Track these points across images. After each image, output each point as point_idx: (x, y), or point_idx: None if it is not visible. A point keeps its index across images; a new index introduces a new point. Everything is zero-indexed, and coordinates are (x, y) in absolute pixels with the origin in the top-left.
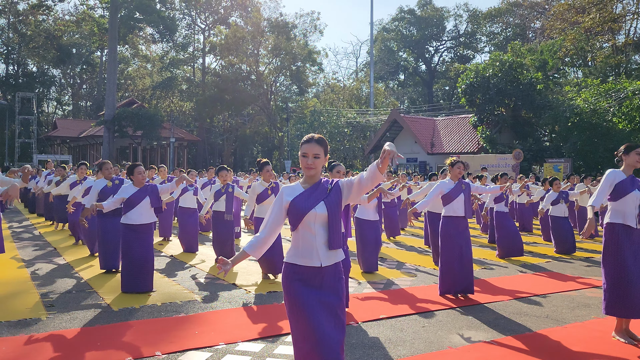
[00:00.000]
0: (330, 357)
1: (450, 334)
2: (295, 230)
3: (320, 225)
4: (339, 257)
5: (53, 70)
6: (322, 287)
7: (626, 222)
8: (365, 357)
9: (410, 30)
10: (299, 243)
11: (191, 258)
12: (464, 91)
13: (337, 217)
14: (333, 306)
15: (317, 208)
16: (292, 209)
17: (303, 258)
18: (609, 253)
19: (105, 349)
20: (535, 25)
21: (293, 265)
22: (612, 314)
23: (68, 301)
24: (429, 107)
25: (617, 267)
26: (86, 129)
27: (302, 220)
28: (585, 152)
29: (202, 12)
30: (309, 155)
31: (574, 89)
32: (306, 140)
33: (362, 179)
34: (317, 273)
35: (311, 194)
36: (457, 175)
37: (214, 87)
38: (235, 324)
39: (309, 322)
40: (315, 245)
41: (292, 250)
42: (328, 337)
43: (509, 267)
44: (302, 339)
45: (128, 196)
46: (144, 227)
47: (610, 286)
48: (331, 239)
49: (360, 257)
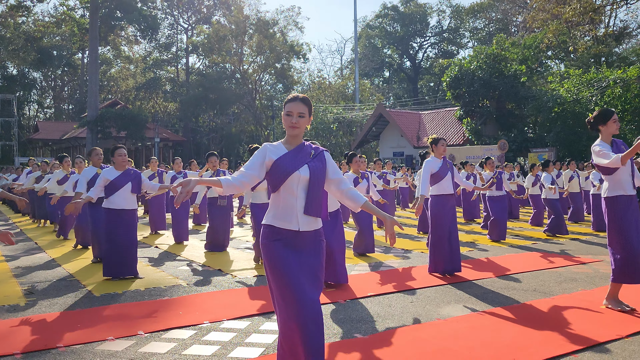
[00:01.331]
0: (312, 317)
1: (438, 307)
2: (277, 192)
3: (302, 189)
4: (318, 225)
5: (34, 73)
6: (302, 249)
7: (626, 192)
8: (353, 330)
9: (394, 27)
10: (279, 205)
11: (181, 249)
12: (448, 85)
13: (319, 183)
14: (313, 267)
15: (301, 171)
16: (276, 169)
17: (281, 220)
18: (612, 224)
19: (85, 329)
20: (517, 19)
21: (272, 227)
22: (622, 282)
23: (48, 289)
24: (414, 102)
25: (622, 237)
26: (69, 131)
27: (284, 182)
28: (569, 141)
29: (184, 12)
30: (293, 114)
31: (556, 79)
32: (291, 98)
33: (343, 187)
34: (296, 236)
35: (295, 155)
36: (442, 153)
37: (198, 87)
38: (220, 304)
39: (289, 282)
40: (295, 209)
41: (272, 212)
42: (309, 297)
43: (499, 249)
44: (282, 299)
45: (112, 179)
46: (126, 213)
47: (618, 255)
48: (309, 204)
49: (356, 240)
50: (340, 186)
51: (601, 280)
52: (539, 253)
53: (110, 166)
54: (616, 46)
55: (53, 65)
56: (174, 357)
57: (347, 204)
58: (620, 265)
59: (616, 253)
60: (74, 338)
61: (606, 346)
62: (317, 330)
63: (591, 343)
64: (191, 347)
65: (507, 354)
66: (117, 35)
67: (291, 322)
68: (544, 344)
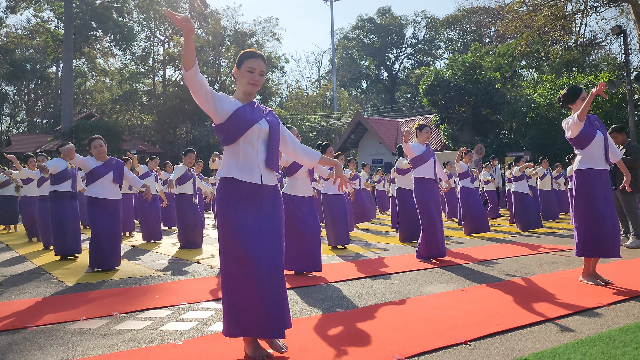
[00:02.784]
0: (270, 276)
1: (421, 287)
2: (235, 144)
3: (262, 142)
4: (276, 181)
5: (6, 87)
6: (261, 208)
7: (597, 166)
8: (335, 307)
9: (370, 38)
10: (239, 158)
11: (154, 247)
12: (425, 91)
13: (276, 137)
14: (273, 221)
15: (262, 123)
16: (237, 119)
17: (243, 173)
18: (580, 198)
19: (57, 313)
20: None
21: (232, 180)
22: (584, 255)
23: (18, 280)
24: (391, 110)
25: (589, 210)
26: (42, 144)
27: (245, 133)
28: (544, 145)
29: (161, 24)
30: (255, 71)
31: (530, 85)
32: (253, 54)
33: (296, 146)
34: (257, 191)
35: (252, 109)
36: (426, 139)
37: (175, 98)
38: (199, 289)
39: (244, 246)
40: (257, 162)
41: (231, 165)
42: (266, 256)
43: (477, 241)
44: (236, 262)
45: (93, 167)
46: (109, 202)
47: (583, 228)
48: (269, 157)
49: (330, 232)
50: (295, 144)
51: (580, 264)
52: (518, 243)
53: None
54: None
55: (26, 78)
56: (150, 333)
57: (303, 160)
58: (584, 238)
59: (580, 226)
60: (44, 320)
61: (592, 311)
62: (274, 283)
63: (576, 309)
64: (168, 324)
65: (491, 321)
66: (92, 48)
67: (242, 280)
68: (529, 312)
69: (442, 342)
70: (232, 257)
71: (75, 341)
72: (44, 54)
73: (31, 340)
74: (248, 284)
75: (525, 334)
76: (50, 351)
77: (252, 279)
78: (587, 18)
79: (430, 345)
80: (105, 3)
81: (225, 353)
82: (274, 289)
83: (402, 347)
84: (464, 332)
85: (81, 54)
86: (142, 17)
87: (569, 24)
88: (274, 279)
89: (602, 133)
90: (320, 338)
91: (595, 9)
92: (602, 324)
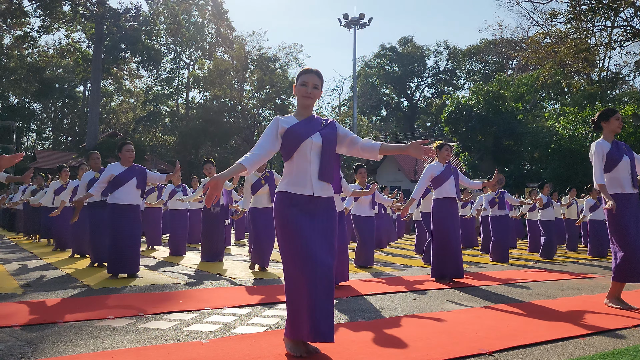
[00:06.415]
0: (322, 275)
1: (442, 303)
2: (290, 160)
3: (315, 154)
4: (330, 193)
5: (34, 104)
6: (315, 214)
7: (625, 190)
8: (357, 317)
9: (392, 67)
10: (293, 171)
11: (178, 259)
12: (446, 120)
13: (331, 149)
14: (326, 232)
15: (314, 137)
16: (290, 136)
17: (296, 186)
18: (613, 224)
19: (85, 312)
20: (513, 62)
21: (286, 193)
22: (620, 281)
23: (46, 284)
24: (410, 138)
25: (620, 235)
26: (67, 160)
27: (298, 148)
28: (565, 177)
29: (187, 47)
30: (308, 84)
31: (552, 116)
32: (306, 70)
33: (357, 142)
34: (310, 201)
35: (307, 124)
36: (446, 158)
37: (198, 119)
38: (221, 297)
39: (302, 243)
40: (309, 174)
41: (286, 179)
42: (320, 259)
43: (499, 267)
44: (294, 262)
45: (117, 174)
46: (131, 208)
47: (619, 254)
48: (323, 169)
49: (357, 252)
50: (355, 142)
51: (604, 290)
52: (541, 270)
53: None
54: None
55: (54, 97)
56: (176, 332)
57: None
58: (620, 263)
59: (617, 251)
60: (73, 317)
61: (615, 332)
62: (328, 288)
63: (600, 329)
64: (193, 325)
65: (515, 335)
66: (119, 69)
67: (301, 283)
68: (552, 329)
69: (465, 352)
70: (297, 256)
71: (104, 336)
72: (73, 73)
73: (62, 333)
74: (308, 284)
75: (550, 348)
76: (80, 343)
77: (311, 278)
78: (611, 52)
79: (454, 353)
80: (135, 26)
81: (251, 352)
82: (327, 294)
83: (426, 354)
84: (487, 344)
85: (109, 74)
86: (169, 41)
87: (593, 57)
88: (329, 286)
89: (628, 157)
90: (345, 344)
91: (619, 43)
92: (627, 344)
